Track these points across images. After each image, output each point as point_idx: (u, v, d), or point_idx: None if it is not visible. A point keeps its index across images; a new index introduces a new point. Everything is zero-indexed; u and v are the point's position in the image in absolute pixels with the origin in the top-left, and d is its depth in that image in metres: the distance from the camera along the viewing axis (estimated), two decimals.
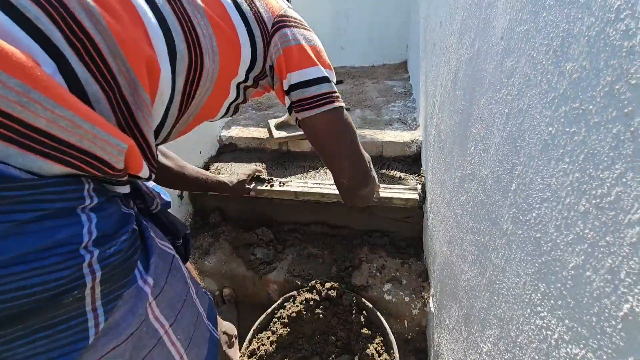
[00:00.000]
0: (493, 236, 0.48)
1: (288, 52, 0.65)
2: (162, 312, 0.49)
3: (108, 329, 0.41)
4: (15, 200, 0.34)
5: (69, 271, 0.37)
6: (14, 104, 0.32)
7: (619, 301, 0.23)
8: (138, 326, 0.45)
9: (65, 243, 0.37)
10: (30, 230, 0.35)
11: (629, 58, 0.22)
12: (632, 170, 0.22)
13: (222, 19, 0.58)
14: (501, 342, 0.45)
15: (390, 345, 0.99)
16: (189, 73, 0.54)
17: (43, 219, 0.36)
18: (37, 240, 0.35)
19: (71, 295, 0.37)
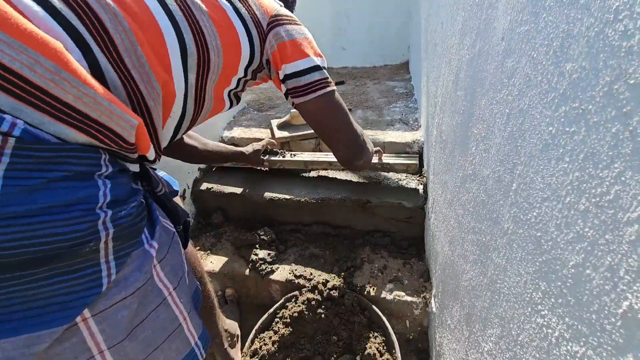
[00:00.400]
0: (494, 236, 0.48)
1: (282, 47, 0.74)
2: (166, 275, 0.55)
3: (118, 281, 0.47)
4: (46, 160, 0.40)
5: (86, 225, 0.43)
6: (48, 81, 0.40)
7: (618, 299, 0.23)
8: (144, 282, 0.50)
9: (84, 202, 0.43)
10: (56, 187, 0.41)
11: (627, 58, 0.22)
12: (630, 169, 0.22)
13: (224, 21, 0.66)
14: (502, 341, 0.45)
15: (392, 345, 0.99)
16: (199, 68, 0.62)
17: (67, 179, 0.42)
18: (61, 196, 0.41)
19: (88, 246, 0.43)
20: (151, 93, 0.54)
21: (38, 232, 0.39)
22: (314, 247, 1.33)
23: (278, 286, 1.22)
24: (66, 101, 0.41)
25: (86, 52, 0.47)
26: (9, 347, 0.39)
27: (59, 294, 0.41)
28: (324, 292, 1.11)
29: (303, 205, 1.37)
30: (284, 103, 2.07)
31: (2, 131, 0.37)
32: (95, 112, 0.44)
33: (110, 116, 0.46)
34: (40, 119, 0.40)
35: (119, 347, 0.48)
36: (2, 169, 0.37)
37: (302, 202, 1.36)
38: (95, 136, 0.45)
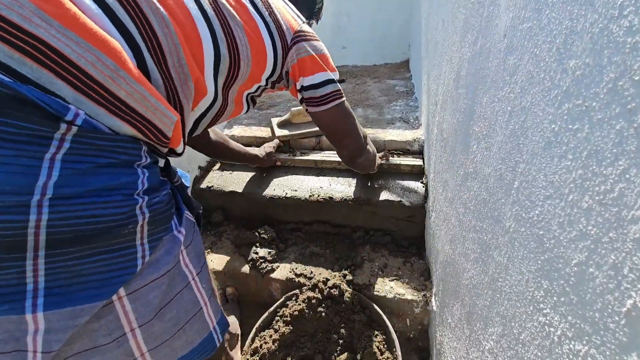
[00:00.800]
0: (496, 234, 0.48)
1: (302, 62, 0.82)
2: (190, 261, 0.58)
3: (151, 262, 0.50)
4: (99, 147, 0.44)
5: (127, 208, 0.47)
6: (107, 78, 0.45)
7: (622, 297, 0.23)
8: (173, 265, 0.54)
9: (126, 187, 0.47)
10: (103, 172, 0.45)
11: (632, 54, 0.22)
12: (635, 167, 0.22)
13: (255, 33, 0.72)
14: (504, 340, 0.45)
15: (393, 344, 0.99)
16: (228, 75, 0.69)
17: (113, 165, 0.46)
18: (108, 180, 0.45)
19: (127, 228, 0.47)
20: (185, 92, 0.59)
21: (86, 212, 0.43)
22: (315, 246, 1.33)
23: (278, 285, 1.22)
24: (119, 96, 0.46)
25: (136, 52, 0.51)
26: (54, 319, 0.42)
27: (99, 271, 0.45)
28: (324, 291, 1.11)
29: (303, 204, 1.36)
30: (284, 101, 2.07)
31: (67, 120, 0.41)
32: (142, 107, 0.49)
33: (155, 112, 0.51)
34: (97, 111, 0.45)
35: (148, 325, 0.51)
36: (62, 153, 0.41)
37: (302, 200, 1.36)
38: (140, 129, 0.50)
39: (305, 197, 1.36)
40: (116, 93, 0.46)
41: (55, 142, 0.41)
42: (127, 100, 0.47)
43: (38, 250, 0.40)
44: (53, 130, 0.40)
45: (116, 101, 0.46)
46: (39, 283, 0.41)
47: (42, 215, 0.40)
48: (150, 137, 0.52)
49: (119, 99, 0.46)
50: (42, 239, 0.40)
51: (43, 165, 0.40)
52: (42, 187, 0.40)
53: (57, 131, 0.41)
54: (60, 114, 0.41)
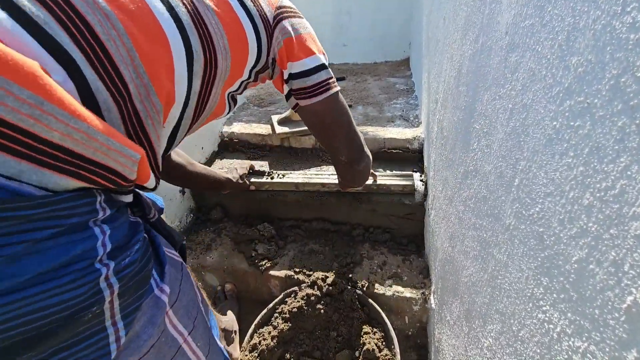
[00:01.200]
0: (495, 232, 0.48)
1: (289, 43, 0.67)
2: (180, 320, 0.49)
3: (129, 342, 0.41)
4: (30, 218, 0.32)
5: (86, 287, 0.36)
6: (26, 117, 0.31)
7: (622, 293, 0.23)
8: (158, 337, 0.44)
9: (81, 259, 0.36)
10: (45, 248, 0.34)
11: (635, 51, 0.22)
12: (637, 163, 0.22)
13: (231, 18, 0.58)
14: (503, 337, 0.45)
15: (391, 341, 0.99)
16: (204, 74, 0.54)
17: (58, 235, 0.35)
18: (53, 258, 0.34)
19: (90, 311, 0.36)
20: (149, 111, 0.45)
21: (29, 308, 0.32)
22: (314, 243, 1.33)
23: (277, 282, 1.22)
24: (52, 140, 0.33)
25: (71, 69, 0.37)
26: None
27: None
28: (323, 288, 1.11)
29: (303, 202, 1.36)
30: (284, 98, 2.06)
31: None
32: (88, 149, 0.36)
33: (107, 152, 0.38)
34: (18, 167, 0.32)
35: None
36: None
37: (301, 198, 1.36)
38: (89, 179, 0.37)
39: (304, 195, 1.36)
40: (45, 137, 0.32)
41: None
42: (64, 144, 0.34)
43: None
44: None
45: (48, 147, 0.33)
46: None
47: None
48: (106, 185, 0.39)
49: (51, 144, 0.33)
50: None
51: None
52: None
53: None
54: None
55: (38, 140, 0.32)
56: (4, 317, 0.31)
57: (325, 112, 0.75)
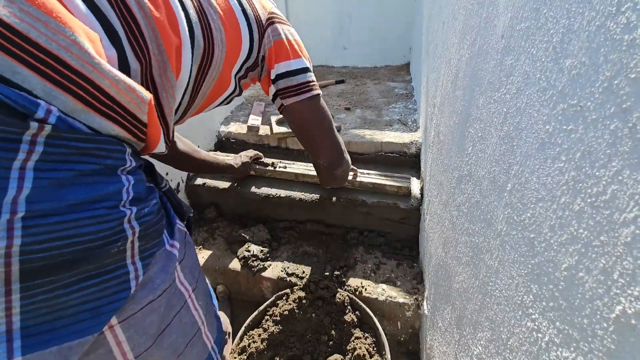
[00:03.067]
0: (487, 237, 0.47)
1: (278, 44, 0.75)
2: (185, 277, 0.53)
3: (145, 282, 0.44)
4: (78, 151, 0.37)
5: (114, 223, 0.40)
6: (86, 64, 0.37)
7: (611, 303, 0.22)
8: (170, 284, 0.48)
9: (110, 198, 0.40)
10: (85, 182, 0.38)
11: (629, 52, 0.22)
12: (629, 168, 0.21)
13: (229, 15, 0.66)
14: (492, 345, 0.44)
15: (382, 347, 0.98)
16: (201, 62, 0.61)
17: (95, 173, 0.39)
18: (90, 191, 0.38)
19: (115, 246, 0.40)
20: (165, 84, 0.53)
21: (67, 232, 0.36)
22: (307, 246, 1.32)
23: (269, 283, 1.21)
24: (102, 86, 0.39)
25: (114, 39, 0.45)
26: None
27: (88, 300, 0.38)
28: (315, 291, 1.10)
29: (297, 203, 1.35)
30: None
31: (38, 118, 0.34)
32: (126, 99, 0.42)
33: (138, 104, 0.44)
34: (74, 106, 0.37)
35: (145, 355, 0.45)
36: (34, 160, 0.34)
37: (296, 200, 1.35)
38: (126, 127, 0.43)
39: (299, 197, 1.35)
40: (98, 82, 0.38)
41: (25, 147, 0.33)
42: (111, 92, 0.40)
43: (10, 284, 0.33)
44: (21, 131, 0.33)
45: (98, 93, 0.39)
46: (13, 323, 0.34)
47: (13, 240, 0.33)
48: (135, 133, 0.45)
49: (101, 90, 0.39)
50: (15, 270, 0.33)
51: (11, 176, 0.33)
52: (11, 203, 0.33)
53: (26, 132, 0.33)
54: (29, 110, 0.33)
55: (91, 84, 0.38)
56: (48, 236, 0.35)
57: (308, 111, 0.82)
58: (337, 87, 2.24)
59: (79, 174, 0.37)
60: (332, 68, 2.79)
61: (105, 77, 0.39)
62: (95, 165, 0.39)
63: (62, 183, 0.36)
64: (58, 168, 0.36)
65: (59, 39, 0.36)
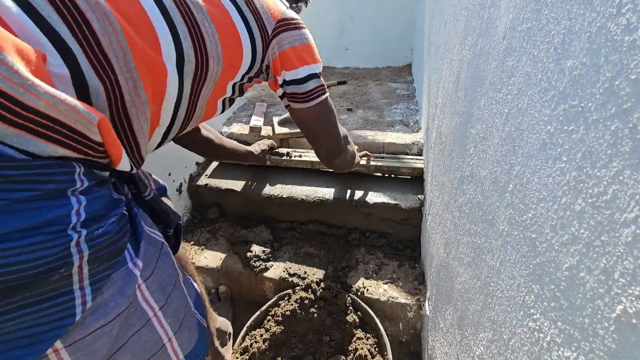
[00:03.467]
0: (489, 238, 0.47)
1: (283, 55, 0.73)
2: (152, 294, 0.51)
3: (96, 307, 0.43)
4: (10, 179, 0.35)
5: (56, 249, 0.38)
6: (16, 86, 0.35)
7: (612, 302, 0.23)
8: (126, 307, 0.46)
9: (54, 223, 0.38)
10: (20, 209, 0.36)
11: (629, 53, 0.22)
12: (629, 168, 0.21)
13: (226, 25, 0.62)
14: (494, 345, 0.44)
15: (384, 348, 0.98)
16: (195, 75, 0.59)
17: (34, 199, 0.37)
18: (27, 219, 0.36)
19: (58, 273, 0.38)
20: (135, 101, 0.50)
21: (1, 261, 0.34)
22: (309, 246, 1.32)
23: (271, 284, 1.21)
24: (37, 109, 0.36)
25: (67, 57, 0.42)
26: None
27: (26, 327, 0.37)
28: (317, 292, 1.10)
29: (299, 204, 1.36)
30: None
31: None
32: (70, 119, 0.40)
33: (75, 117, 0.41)
34: (4, 131, 0.35)
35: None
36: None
37: (298, 200, 1.35)
38: (65, 144, 0.40)
39: (301, 197, 1.35)
40: (31, 105, 0.36)
41: None
42: (50, 113, 0.37)
43: None
44: None
45: (33, 115, 0.36)
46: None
47: None
48: (80, 150, 0.42)
49: (36, 112, 0.37)
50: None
51: None
52: None
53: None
54: None
55: (24, 107, 0.36)
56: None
57: (313, 116, 0.83)
58: (339, 88, 2.24)
59: (12, 201, 0.35)
60: (334, 69, 2.79)
61: (40, 99, 0.36)
62: (32, 192, 0.37)
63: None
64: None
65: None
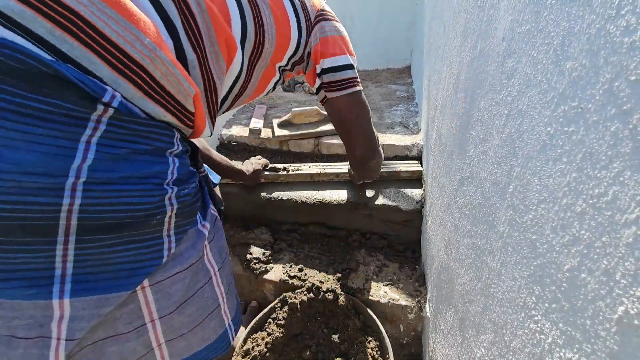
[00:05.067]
0: (490, 239, 0.47)
1: (324, 41, 0.80)
2: (213, 256, 0.58)
3: (175, 255, 0.50)
4: (134, 132, 0.44)
5: (157, 198, 0.46)
6: (145, 58, 0.44)
7: (613, 303, 0.23)
8: (197, 260, 0.53)
9: (157, 176, 0.46)
10: (137, 159, 0.44)
11: (629, 54, 0.22)
12: (629, 169, 0.21)
13: (281, 11, 0.71)
14: (495, 347, 0.44)
15: (386, 351, 0.98)
16: (252, 53, 0.67)
17: (147, 152, 0.45)
18: (140, 168, 0.44)
19: (155, 218, 0.46)
20: (218, 72, 0.58)
21: (118, 200, 0.42)
22: (310, 248, 1.32)
23: (272, 286, 1.21)
24: (155, 77, 0.45)
25: (173, 32, 0.50)
26: (80, 306, 0.41)
27: (127, 261, 0.44)
28: (318, 294, 1.10)
29: (300, 206, 1.36)
30: (285, 103, 2.07)
31: (104, 101, 0.40)
32: (175, 90, 0.48)
33: (186, 97, 0.50)
34: (134, 93, 0.44)
35: (168, 318, 0.51)
36: (98, 136, 0.40)
37: (299, 202, 1.35)
38: (175, 114, 0.49)
39: (302, 199, 1.35)
40: (152, 74, 0.45)
41: (92, 124, 0.40)
42: (162, 82, 0.46)
43: (69, 236, 0.39)
44: (90, 111, 0.40)
45: (153, 83, 0.45)
46: (67, 269, 0.40)
47: (75, 200, 0.39)
48: (183, 120, 0.51)
49: (155, 81, 0.45)
50: (74, 224, 0.39)
51: (79, 148, 0.39)
52: (77, 169, 0.39)
53: (94, 112, 0.40)
54: (98, 94, 0.40)
55: (148, 75, 0.44)
56: (102, 200, 0.41)
57: (349, 105, 0.87)
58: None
59: (133, 152, 0.43)
60: None
61: (158, 69, 0.45)
62: (147, 146, 0.45)
63: (119, 158, 0.42)
64: (116, 145, 0.42)
65: (126, 36, 0.42)
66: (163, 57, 0.45)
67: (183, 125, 0.52)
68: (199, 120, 0.55)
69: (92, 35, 0.40)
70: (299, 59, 0.81)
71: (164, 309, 0.50)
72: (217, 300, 0.59)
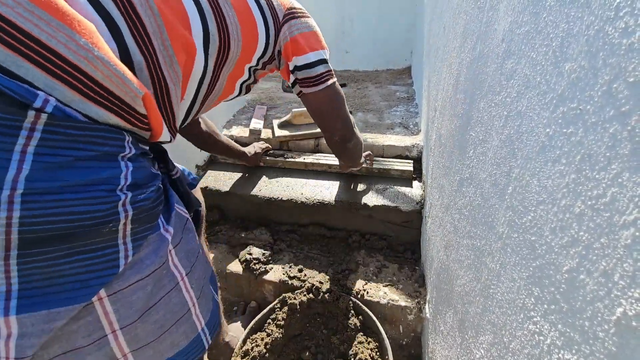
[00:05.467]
0: (489, 240, 0.47)
1: (294, 40, 0.79)
2: (180, 260, 0.56)
3: (134, 263, 0.48)
4: (75, 138, 0.41)
5: (107, 206, 0.43)
6: (82, 59, 0.41)
7: (612, 305, 0.23)
8: (160, 266, 0.51)
9: (107, 182, 0.44)
10: (82, 166, 0.42)
11: (627, 56, 0.22)
12: (628, 170, 0.21)
13: (245, 11, 0.70)
14: (494, 348, 0.44)
15: (386, 352, 0.98)
16: (218, 55, 0.65)
17: (92, 159, 0.43)
18: (86, 175, 0.42)
19: (107, 226, 0.44)
20: (172, 76, 0.56)
21: (61, 210, 0.40)
22: (310, 249, 1.32)
23: (271, 287, 1.21)
24: (96, 79, 0.43)
25: (115, 33, 0.48)
26: (28, 322, 0.39)
27: (78, 272, 0.42)
28: (317, 295, 1.10)
29: (300, 207, 1.36)
30: (285, 103, 2.07)
31: (36, 107, 0.38)
32: (121, 91, 0.46)
33: (134, 98, 0.47)
34: (71, 96, 0.41)
35: (131, 327, 0.49)
36: (34, 145, 0.38)
37: (298, 203, 1.35)
38: (122, 116, 0.46)
39: (301, 199, 1.35)
40: (92, 75, 0.42)
41: (24, 132, 0.38)
42: (105, 84, 0.44)
43: (10, 250, 0.37)
44: (21, 118, 0.37)
45: (93, 85, 0.43)
46: (12, 285, 0.38)
47: (13, 212, 0.37)
48: (134, 123, 0.49)
49: (96, 82, 0.43)
50: (14, 238, 0.37)
51: (13, 158, 0.37)
52: (12, 181, 0.37)
53: (25, 120, 0.37)
54: (27, 100, 0.37)
55: (87, 77, 0.42)
56: (43, 211, 0.39)
57: (325, 99, 0.89)
58: None
59: (76, 158, 0.41)
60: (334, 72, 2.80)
61: (98, 70, 0.42)
62: (92, 152, 0.43)
63: (60, 166, 0.40)
64: (55, 153, 0.40)
65: (59, 36, 0.40)
66: (102, 58, 0.43)
67: (135, 127, 0.49)
68: (154, 122, 0.52)
69: (19, 37, 0.38)
70: (269, 59, 0.81)
71: (125, 318, 0.48)
72: (186, 305, 0.57)
